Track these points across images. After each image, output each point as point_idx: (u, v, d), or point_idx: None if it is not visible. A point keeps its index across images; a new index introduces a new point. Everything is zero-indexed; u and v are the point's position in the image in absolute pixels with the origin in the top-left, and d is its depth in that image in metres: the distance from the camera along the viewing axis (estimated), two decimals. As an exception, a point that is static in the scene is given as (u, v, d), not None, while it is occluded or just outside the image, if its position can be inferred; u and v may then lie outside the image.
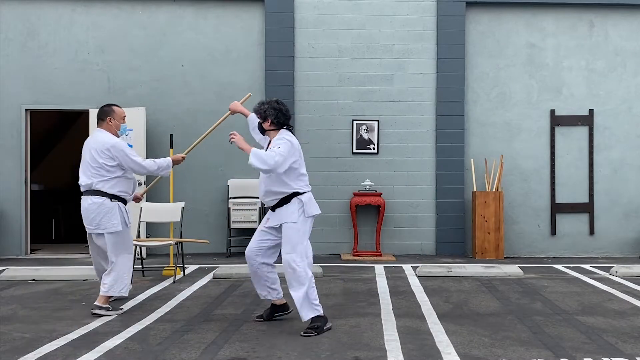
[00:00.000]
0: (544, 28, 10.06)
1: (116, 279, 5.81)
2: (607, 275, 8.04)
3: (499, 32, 10.04)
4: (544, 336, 5.08)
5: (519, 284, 7.36)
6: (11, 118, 9.65)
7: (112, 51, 9.77)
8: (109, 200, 5.79)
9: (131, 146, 6.16)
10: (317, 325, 5.07)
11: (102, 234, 5.82)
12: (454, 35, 9.83)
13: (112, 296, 5.85)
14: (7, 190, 9.60)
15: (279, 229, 5.25)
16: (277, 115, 5.27)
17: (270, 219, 5.31)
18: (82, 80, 9.73)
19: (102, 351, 4.62)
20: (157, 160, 6.12)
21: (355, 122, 9.84)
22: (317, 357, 4.49)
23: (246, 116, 5.82)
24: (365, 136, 9.85)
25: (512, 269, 8.04)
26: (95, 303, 5.82)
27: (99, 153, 5.80)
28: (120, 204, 5.88)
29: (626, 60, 10.10)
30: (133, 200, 6.21)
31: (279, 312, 5.52)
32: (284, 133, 5.28)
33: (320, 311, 5.16)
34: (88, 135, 9.61)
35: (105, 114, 6.01)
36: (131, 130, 9.26)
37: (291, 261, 5.08)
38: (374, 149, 9.87)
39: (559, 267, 8.79)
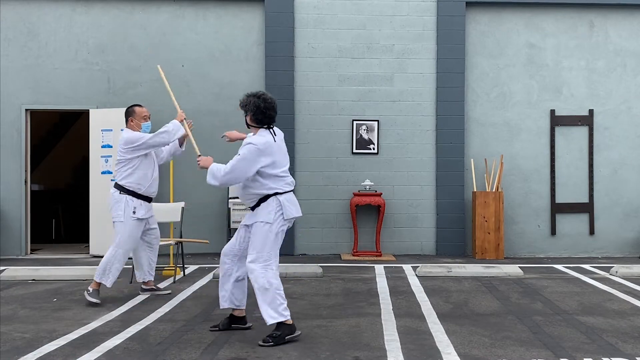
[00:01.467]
0: (544, 28, 10.06)
1: (101, 265, 6.16)
2: (607, 275, 8.03)
3: (499, 32, 10.04)
4: (544, 336, 5.08)
5: (519, 284, 7.35)
6: (11, 118, 9.66)
7: (112, 51, 9.77)
8: (118, 192, 6.21)
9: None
10: (276, 335, 4.76)
11: None
12: (454, 35, 9.83)
13: (99, 282, 6.19)
14: (7, 190, 9.60)
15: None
16: (255, 112, 4.93)
17: (247, 217, 5.06)
18: (82, 80, 9.73)
19: (102, 351, 4.62)
20: (161, 129, 6.25)
21: (355, 122, 9.84)
22: (317, 357, 4.49)
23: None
24: (365, 136, 9.85)
25: (512, 269, 8.04)
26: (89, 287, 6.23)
27: (120, 150, 6.24)
28: (130, 197, 6.19)
29: (626, 60, 10.10)
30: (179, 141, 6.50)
31: (237, 324, 5.22)
32: (261, 133, 4.97)
33: (285, 317, 4.83)
34: (88, 135, 9.68)
35: (127, 114, 6.43)
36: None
37: (251, 272, 4.84)
38: (374, 149, 9.87)
39: (559, 267, 8.79)
